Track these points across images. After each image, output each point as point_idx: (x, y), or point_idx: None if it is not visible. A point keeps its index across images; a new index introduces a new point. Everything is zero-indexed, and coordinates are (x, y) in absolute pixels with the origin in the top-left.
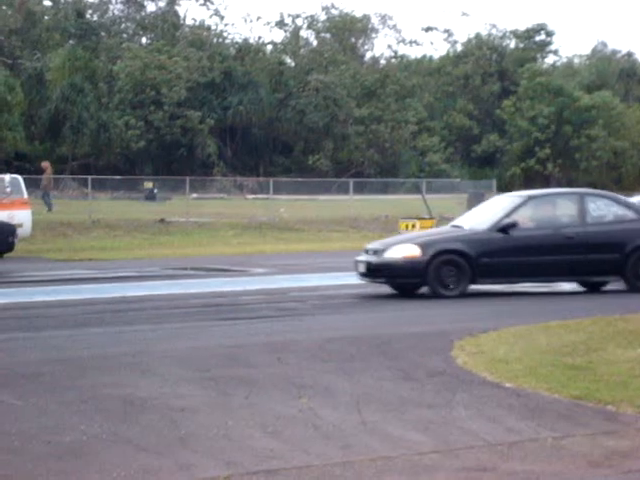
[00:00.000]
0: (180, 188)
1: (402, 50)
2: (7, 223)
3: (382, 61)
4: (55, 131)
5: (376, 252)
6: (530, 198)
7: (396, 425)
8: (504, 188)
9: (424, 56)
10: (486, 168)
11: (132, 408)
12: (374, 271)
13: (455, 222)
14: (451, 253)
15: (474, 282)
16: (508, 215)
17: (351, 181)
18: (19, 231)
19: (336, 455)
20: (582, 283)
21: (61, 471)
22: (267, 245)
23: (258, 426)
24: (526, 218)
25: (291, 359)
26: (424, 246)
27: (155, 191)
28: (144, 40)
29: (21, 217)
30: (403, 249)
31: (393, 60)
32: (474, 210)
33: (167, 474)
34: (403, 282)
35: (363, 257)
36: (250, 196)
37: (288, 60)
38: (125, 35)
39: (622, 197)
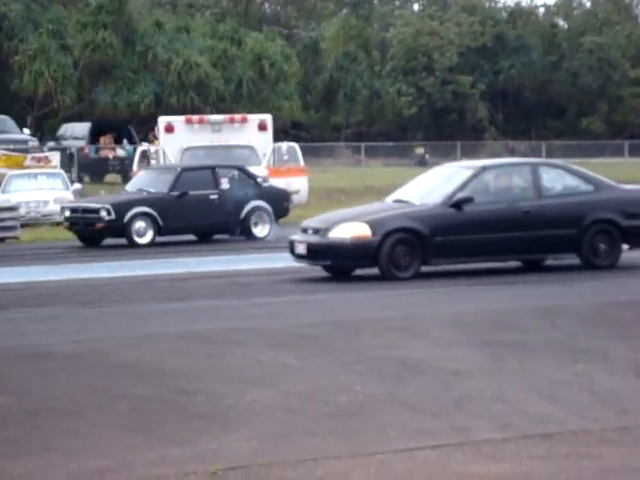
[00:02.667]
0: (451, 153)
1: None
2: (282, 189)
3: None
4: (329, 100)
5: (318, 231)
6: (483, 169)
7: None
8: None
9: None
10: None
11: (406, 370)
12: (316, 252)
13: (397, 196)
14: (404, 232)
15: (427, 263)
16: (461, 188)
17: (626, 143)
18: (295, 197)
19: (613, 420)
20: (524, 261)
21: (338, 430)
22: None
23: (532, 390)
24: (480, 191)
25: (564, 324)
26: (375, 224)
27: (426, 157)
28: (416, 7)
29: (297, 184)
30: (351, 228)
31: None
32: (417, 182)
33: (443, 436)
34: (351, 265)
35: (300, 236)
36: None
37: (561, 22)
38: (397, 2)
39: (577, 167)
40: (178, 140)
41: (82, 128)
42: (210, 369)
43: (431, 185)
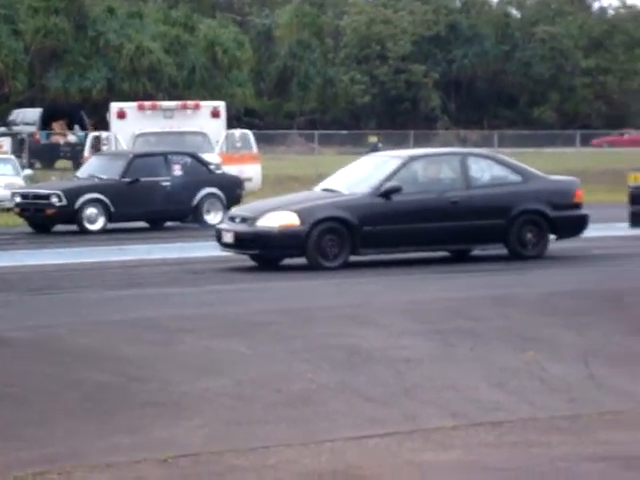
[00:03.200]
0: (404, 142)
1: (631, 0)
2: (235, 176)
3: (610, 11)
4: (283, 87)
5: (245, 220)
6: (411, 159)
7: (624, 379)
8: None
9: None
10: None
11: (357, 358)
12: (244, 242)
13: (326, 185)
14: (333, 221)
15: (355, 252)
16: (389, 178)
17: (578, 133)
18: (248, 185)
19: (563, 408)
20: (451, 251)
21: (290, 418)
22: None
23: (483, 378)
24: (408, 181)
25: (514, 313)
26: (303, 214)
27: (379, 145)
28: None
29: (250, 171)
30: (279, 217)
31: (622, 10)
32: (346, 171)
33: (393, 424)
34: (279, 254)
35: (227, 225)
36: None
37: (514, 12)
38: None
39: (505, 157)
40: (130, 126)
41: (33, 114)
42: (162, 356)
43: (360, 174)
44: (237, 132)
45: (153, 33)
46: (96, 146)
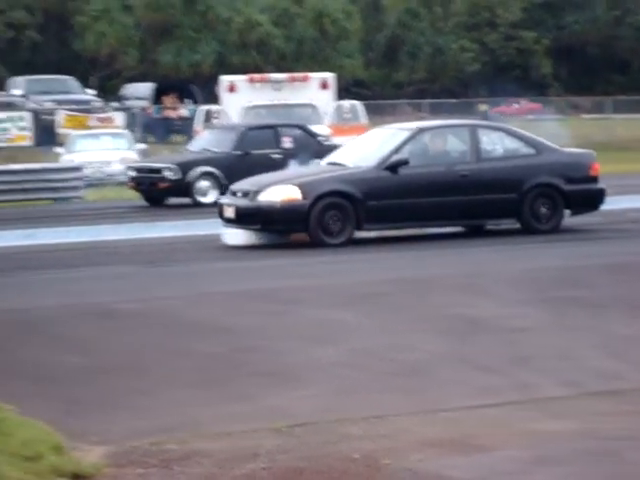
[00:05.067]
0: None
1: None
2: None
3: None
4: (391, 57)
5: (247, 194)
6: (420, 131)
7: None
8: None
9: None
10: None
11: (471, 328)
12: (245, 217)
13: (332, 158)
14: (336, 195)
15: (360, 228)
16: (397, 150)
17: None
18: None
19: None
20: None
21: (404, 388)
22: (604, 165)
23: (598, 347)
24: (416, 154)
25: (626, 281)
26: (305, 187)
27: (490, 113)
28: None
29: None
30: (281, 191)
31: None
32: (354, 144)
33: (507, 393)
34: (281, 229)
35: (229, 199)
36: (586, 116)
37: None
38: None
39: (518, 129)
40: (240, 99)
41: (145, 88)
42: (273, 326)
43: (367, 147)
44: (346, 103)
45: (262, 6)
46: (207, 119)
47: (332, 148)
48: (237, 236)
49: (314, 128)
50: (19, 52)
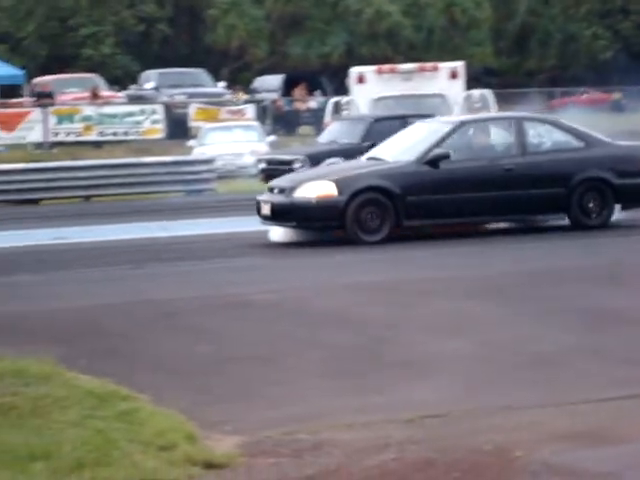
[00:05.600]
0: None
1: None
2: None
3: None
4: (522, 45)
5: (283, 191)
6: (462, 124)
7: None
8: None
9: None
10: None
11: (605, 319)
12: (281, 214)
13: (373, 153)
14: (373, 191)
15: (399, 224)
16: (438, 144)
17: None
18: None
19: None
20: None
21: (538, 379)
22: None
23: None
24: (459, 148)
25: None
26: (341, 183)
27: (623, 102)
28: None
29: None
30: (316, 187)
31: None
32: (396, 139)
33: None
34: (317, 226)
35: (266, 196)
36: None
37: None
38: None
39: (565, 122)
40: (369, 90)
41: (275, 80)
42: (404, 318)
43: (408, 142)
44: (476, 92)
45: None
46: (336, 111)
47: None
48: (281, 232)
49: (444, 118)
50: (150, 45)
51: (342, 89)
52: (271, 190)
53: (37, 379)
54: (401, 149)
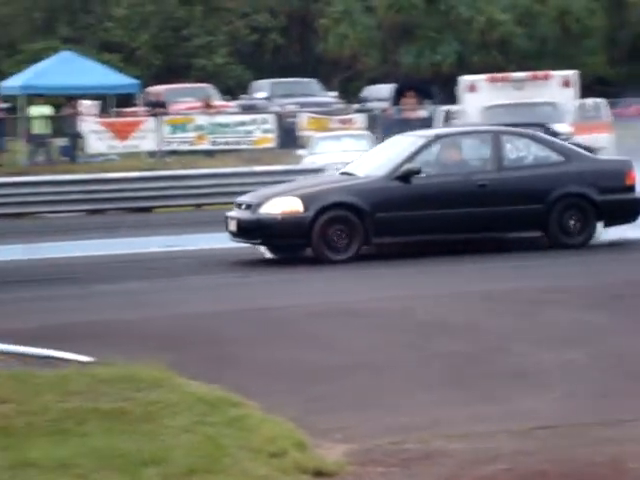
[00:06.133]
0: None
1: None
2: (586, 146)
3: None
4: (636, 54)
5: (249, 206)
6: (436, 138)
7: None
8: None
9: None
10: None
11: None
12: (247, 230)
13: (346, 168)
14: (340, 207)
15: (368, 242)
16: (410, 159)
17: None
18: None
19: None
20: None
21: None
22: None
23: None
24: (432, 163)
25: None
26: (307, 199)
27: None
28: None
29: (603, 141)
30: (282, 203)
31: None
32: (372, 153)
33: None
34: (282, 244)
35: (234, 212)
36: None
37: None
38: None
39: (546, 136)
40: (480, 99)
41: (386, 89)
42: (519, 328)
43: (381, 156)
44: (589, 101)
45: (503, 5)
46: (446, 120)
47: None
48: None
49: (555, 127)
50: (263, 55)
51: (452, 98)
52: (239, 206)
53: (148, 385)
54: (374, 164)
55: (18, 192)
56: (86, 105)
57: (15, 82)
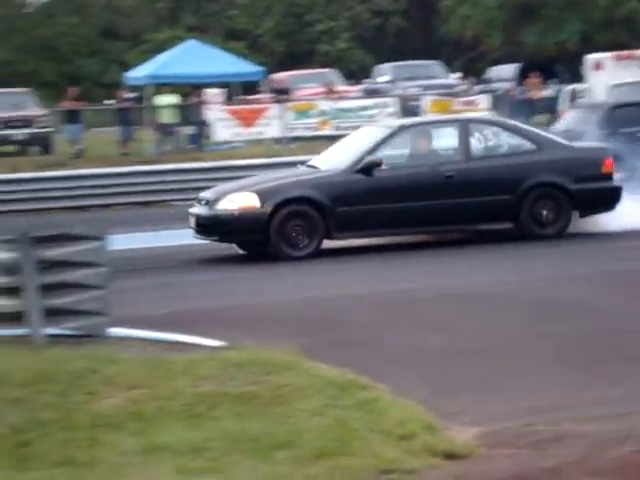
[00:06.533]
0: None
1: None
2: None
3: None
4: None
5: (208, 202)
6: (401, 128)
7: None
8: None
9: None
10: None
11: None
12: (205, 226)
13: (312, 161)
14: (300, 202)
15: (330, 237)
16: (372, 151)
17: None
18: None
19: None
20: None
21: None
22: None
23: None
24: (397, 154)
25: None
26: (264, 194)
27: None
28: None
29: None
30: (238, 198)
31: None
32: (337, 145)
33: None
34: (240, 240)
35: (195, 209)
36: None
37: None
38: None
39: (517, 123)
40: (606, 77)
41: (509, 70)
42: (633, 309)
43: (346, 148)
44: None
45: None
46: (572, 99)
47: None
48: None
49: None
50: (385, 39)
51: (577, 77)
52: (200, 202)
53: (278, 368)
54: (338, 157)
55: (146, 181)
56: (211, 93)
57: (141, 72)
